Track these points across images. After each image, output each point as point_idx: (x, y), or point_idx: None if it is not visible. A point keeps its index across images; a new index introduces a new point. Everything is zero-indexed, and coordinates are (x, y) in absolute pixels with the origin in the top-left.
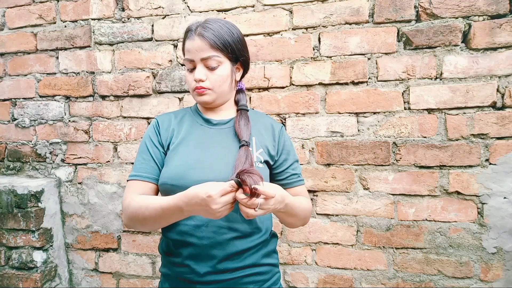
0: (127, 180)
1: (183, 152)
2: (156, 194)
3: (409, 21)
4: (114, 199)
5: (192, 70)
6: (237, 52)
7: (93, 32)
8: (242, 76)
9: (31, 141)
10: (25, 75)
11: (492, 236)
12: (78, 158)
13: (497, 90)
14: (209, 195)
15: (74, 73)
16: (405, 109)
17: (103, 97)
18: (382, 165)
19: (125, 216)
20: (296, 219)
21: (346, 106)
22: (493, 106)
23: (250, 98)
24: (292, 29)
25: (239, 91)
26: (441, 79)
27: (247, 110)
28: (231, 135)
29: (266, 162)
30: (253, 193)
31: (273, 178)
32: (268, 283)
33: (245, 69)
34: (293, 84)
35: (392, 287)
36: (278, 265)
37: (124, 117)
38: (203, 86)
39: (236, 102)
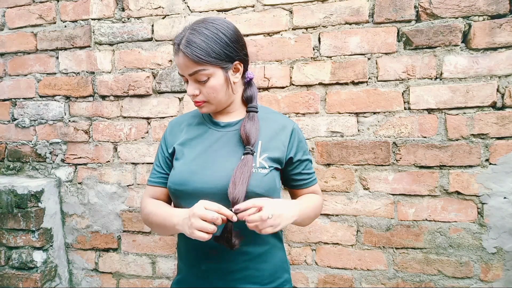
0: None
1: (188, 157)
2: (168, 196)
3: (409, 21)
4: (114, 199)
5: (187, 81)
6: (229, 55)
7: (93, 32)
8: (244, 71)
9: (31, 141)
10: (25, 75)
11: (492, 236)
12: (78, 158)
13: (497, 90)
14: (193, 212)
15: (74, 73)
16: (405, 109)
17: (103, 97)
18: (382, 165)
19: (141, 217)
20: (311, 220)
21: (346, 106)
22: (493, 106)
23: None
24: (292, 29)
25: (248, 84)
26: (441, 79)
27: (256, 112)
28: (237, 138)
29: (273, 166)
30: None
31: (288, 179)
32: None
33: (245, 65)
34: (293, 84)
35: (392, 287)
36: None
37: (124, 117)
38: (198, 100)
39: (245, 101)
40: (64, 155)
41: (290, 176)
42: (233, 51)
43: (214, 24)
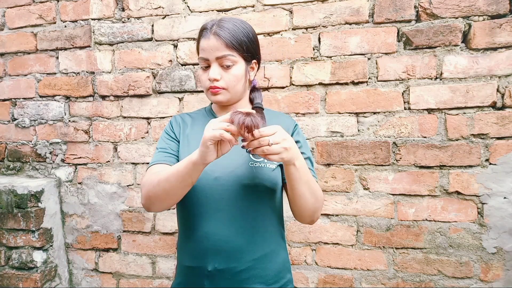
0: (146, 170)
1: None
2: None
3: (409, 21)
4: (114, 199)
5: (206, 68)
6: (252, 51)
7: (93, 32)
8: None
9: (31, 141)
10: (25, 75)
11: (492, 236)
12: (78, 158)
13: (497, 90)
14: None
15: (74, 73)
16: (405, 109)
17: (103, 97)
18: (382, 165)
19: (142, 195)
20: (308, 192)
21: (346, 106)
22: (493, 106)
23: None
24: (292, 29)
25: (253, 89)
26: (441, 79)
27: (262, 109)
28: None
29: (279, 165)
30: (249, 131)
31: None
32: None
33: (258, 68)
34: (293, 84)
35: (392, 287)
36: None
37: (124, 117)
38: (217, 85)
39: (251, 101)
40: (64, 155)
41: None
42: (255, 48)
43: (242, 21)
